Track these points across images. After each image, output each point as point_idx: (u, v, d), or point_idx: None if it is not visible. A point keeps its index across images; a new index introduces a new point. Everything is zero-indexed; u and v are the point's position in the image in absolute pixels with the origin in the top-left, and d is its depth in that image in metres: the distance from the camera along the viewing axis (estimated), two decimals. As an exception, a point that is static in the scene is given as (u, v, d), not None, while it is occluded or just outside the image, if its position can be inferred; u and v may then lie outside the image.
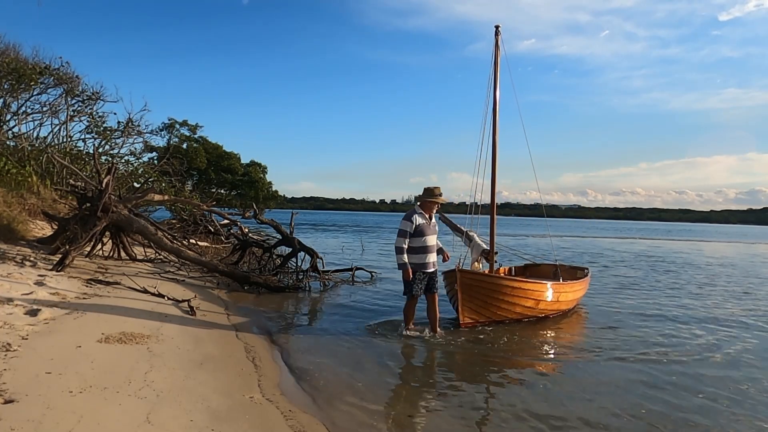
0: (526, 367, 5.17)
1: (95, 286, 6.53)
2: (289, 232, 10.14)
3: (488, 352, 5.47)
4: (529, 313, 6.93)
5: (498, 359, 5.28)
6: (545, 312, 7.15)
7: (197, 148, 36.36)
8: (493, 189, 7.67)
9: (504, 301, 6.54)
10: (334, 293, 8.89)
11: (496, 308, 6.54)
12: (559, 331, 6.72)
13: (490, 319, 6.55)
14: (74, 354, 3.87)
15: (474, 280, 6.40)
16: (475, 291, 6.33)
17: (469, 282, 6.28)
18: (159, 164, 15.74)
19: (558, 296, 7.27)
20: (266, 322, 6.36)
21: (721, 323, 7.40)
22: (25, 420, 2.69)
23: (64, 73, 13.93)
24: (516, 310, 6.72)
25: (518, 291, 6.69)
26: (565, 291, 7.50)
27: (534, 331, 6.57)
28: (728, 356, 5.62)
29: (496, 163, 7.58)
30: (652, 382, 4.59)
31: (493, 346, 5.71)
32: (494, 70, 7.59)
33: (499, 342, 5.88)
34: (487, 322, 6.52)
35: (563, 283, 7.57)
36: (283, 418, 3.36)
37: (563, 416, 3.77)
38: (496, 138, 7.53)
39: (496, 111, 7.53)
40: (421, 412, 3.83)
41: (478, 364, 5.10)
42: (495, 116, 7.53)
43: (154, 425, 2.91)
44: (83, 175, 9.29)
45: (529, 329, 6.59)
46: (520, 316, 6.84)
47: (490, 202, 7.70)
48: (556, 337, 6.43)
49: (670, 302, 9.24)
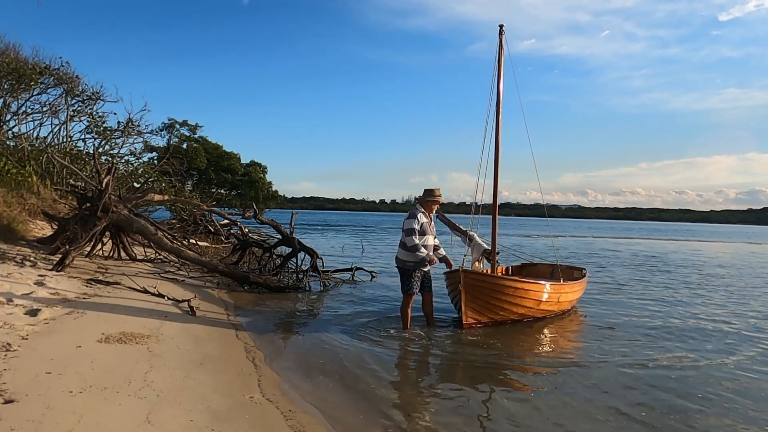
0: (526, 371, 5.05)
1: (95, 286, 6.53)
2: (289, 232, 10.15)
3: (488, 355, 5.43)
4: (530, 313, 6.92)
5: (498, 362, 5.19)
6: (545, 312, 7.16)
7: (197, 148, 36.36)
8: (495, 188, 7.63)
9: (507, 301, 6.54)
10: (334, 293, 8.89)
11: (499, 309, 6.54)
12: (557, 332, 6.70)
13: (492, 319, 6.54)
14: (74, 354, 3.87)
15: (477, 280, 6.38)
16: (478, 291, 6.33)
17: (472, 282, 6.27)
18: (159, 164, 15.74)
19: (558, 297, 7.29)
20: (266, 323, 6.36)
21: (719, 324, 7.40)
22: (25, 420, 2.69)
23: (64, 73, 13.94)
24: (518, 311, 6.72)
25: (521, 291, 6.67)
26: (566, 291, 7.51)
27: (535, 332, 6.57)
28: (728, 359, 5.60)
29: (498, 163, 7.55)
30: (651, 385, 4.53)
31: (492, 349, 5.64)
32: (498, 70, 7.53)
33: (497, 344, 5.81)
34: (489, 323, 6.52)
35: (564, 284, 7.58)
36: (283, 418, 3.36)
37: (561, 423, 3.68)
38: (499, 138, 7.51)
39: (499, 111, 7.52)
40: (421, 413, 3.82)
41: (477, 367, 5.05)
42: (498, 116, 7.52)
43: (154, 425, 2.91)
44: (83, 175, 9.29)
45: (528, 330, 6.59)
46: (521, 317, 6.84)
47: (492, 201, 7.65)
48: (555, 339, 6.39)
49: (668, 302, 9.24)
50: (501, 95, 7.51)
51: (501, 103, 7.51)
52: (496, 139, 7.49)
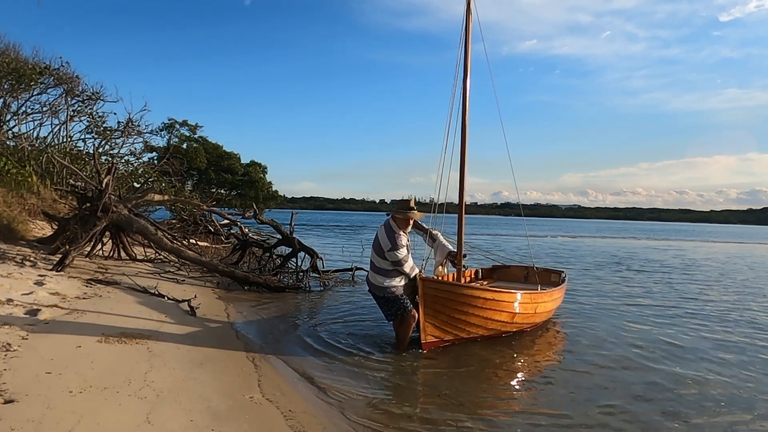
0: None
1: (95, 286, 6.52)
2: (289, 232, 10.15)
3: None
4: (503, 328, 5.88)
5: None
6: (520, 326, 6.14)
7: (197, 148, 36.33)
8: (462, 181, 6.30)
9: (475, 315, 5.44)
10: (334, 293, 8.88)
11: (466, 324, 5.45)
12: (534, 350, 5.71)
13: (457, 336, 5.50)
14: (74, 354, 3.87)
15: (439, 290, 5.22)
16: (440, 304, 5.19)
17: (433, 293, 5.13)
18: (159, 164, 15.73)
19: (535, 307, 6.20)
20: (266, 323, 6.36)
21: (714, 324, 7.39)
22: (25, 420, 2.69)
23: (64, 73, 13.94)
24: (489, 326, 5.67)
25: (491, 303, 5.55)
26: (543, 301, 6.37)
27: (508, 349, 5.56)
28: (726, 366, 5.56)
29: (465, 152, 6.22)
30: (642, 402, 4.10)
31: (466, 370, 4.85)
32: (465, 43, 6.17)
33: (470, 364, 4.98)
34: (455, 341, 5.51)
35: (542, 292, 6.44)
36: (283, 418, 3.36)
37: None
38: (466, 123, 6.19)
39: (466, 93, 6.19)
40: (421, 413, 3.82)
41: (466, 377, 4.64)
42: (465, 98, 6.19)
43: (154, 425, 2.91)
44: (83, 175, 9.30)
45: (495, 353, 5.40)
46: (494, 333, 5.82)
47: (459, 197, 6.31)
48: (533, 359, 5.38)
49: (655, 306, 9.20)
50: (469, 72, 6.21)
51: (468, 88, 6.20)
52: (463, 125, 6.18)
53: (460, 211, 6.31)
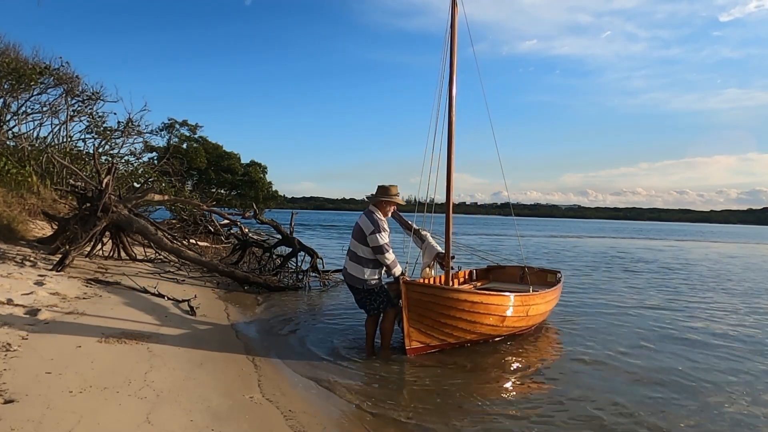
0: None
1: (95, 286, 6.52)
2: (289, 232, 10.15)
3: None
4: (493, 333, 5.64)
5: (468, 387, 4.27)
6: (511, 330, 5.87)
7: (197, 148, 36.31)
8: (449, 179, 6.07)
9: (462, 319, 5.19)
10: (333, 293, 8.89)
11: (452, 329, 5.21)
12: (529, 355, 5.47)
13: (444, 342, 5.27)
14: (74, 354, 3.87)
15: (424, 294, 5.02)
16: (425, 308, 4.97)
17: (417, 296, 4.93)
18: (159, 164, 15.74)
19: (527, 310, 5.93)
20: (266, 323, 6.35)
21: (710, 324, 7.39)
22: (25, 420, 2.69)
23: (64, 73, 13.95)
24: (477, 330, 5.39)
25: (480, 306, 5.28)
26: (536, 303, 6.09)
27: (502, 356, 5.36)
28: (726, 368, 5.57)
29: (452, 148, 6.01)
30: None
31: (454, 377, 4.64)
32: (451, 37, 5.98)
33: (460, 371, 4.78)
34: (442, 347, 5.29)
35: (534, 294, 6.15)
36: (283, 418, 3.36)
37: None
38: (453, 118, 5.98)
39: (452, 88, 6.00)
40: (421, 413, 3.82)
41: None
42: (451, 93, 6.01)
43: (154, 425, 2.91)
44: (83, 175, 9.30)
45: (483, 359, 5.19)
46: (483, 338, 5.60)
47: (446, 194, 6.10)
48: (527, 366, 5.13)
49: (653, 310, 9.19)
50: (455, 62, 6.02)
51: (454, 81, 6.02)
52: (450, 120, 5.99)
53: (447, 210, 6.09)
